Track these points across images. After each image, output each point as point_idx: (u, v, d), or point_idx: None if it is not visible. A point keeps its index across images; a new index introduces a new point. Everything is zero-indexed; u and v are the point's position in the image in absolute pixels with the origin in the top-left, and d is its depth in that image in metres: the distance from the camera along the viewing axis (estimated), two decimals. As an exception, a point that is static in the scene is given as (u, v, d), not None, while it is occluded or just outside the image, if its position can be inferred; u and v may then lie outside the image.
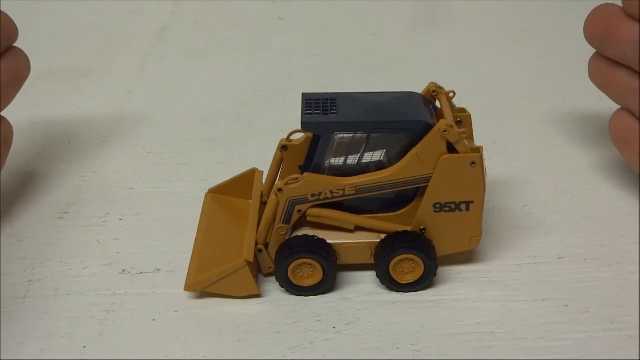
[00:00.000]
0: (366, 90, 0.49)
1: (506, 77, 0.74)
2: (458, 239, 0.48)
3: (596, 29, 0.51)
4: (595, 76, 0.54)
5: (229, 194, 0.53)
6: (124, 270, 0.50)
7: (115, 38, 0.84)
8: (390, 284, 0.47)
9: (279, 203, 0.46)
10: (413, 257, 0.46)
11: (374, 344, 0.44)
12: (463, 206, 0.47)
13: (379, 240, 0.47)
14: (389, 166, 0.46)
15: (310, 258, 0.46)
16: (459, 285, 0.48)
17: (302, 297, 0.47)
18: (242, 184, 0.53)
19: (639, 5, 0.49)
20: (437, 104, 0.49)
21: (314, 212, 0.47)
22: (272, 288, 0.48)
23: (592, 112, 0.67)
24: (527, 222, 0.54)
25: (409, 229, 0.47)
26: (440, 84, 0.50)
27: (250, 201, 0.52)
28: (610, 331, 0.44)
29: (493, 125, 0.56)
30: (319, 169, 0.47)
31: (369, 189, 0.46)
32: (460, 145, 0.45)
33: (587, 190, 0.57)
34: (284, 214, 0.47)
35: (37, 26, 0.85)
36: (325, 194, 0.46)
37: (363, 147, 0.47)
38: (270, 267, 0.48)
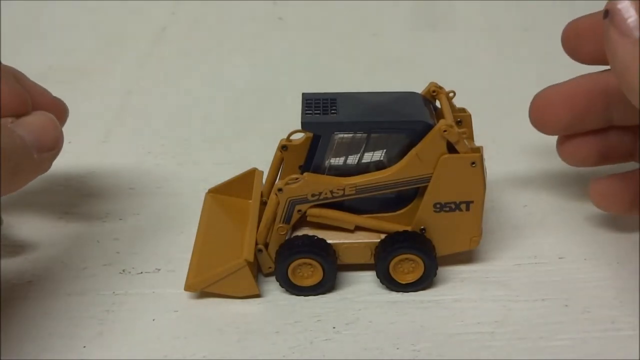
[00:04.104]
0: (366, 90, 0.49)
1: (506, 77, 0.74)
2: (458, 239, 0.48)
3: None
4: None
5: (229, 194, 0.53)
6: (124, 270, 0.50)
7: (115, 38, 0.84)
8: (390, 284, 0.47)
9: (279, 203, 0.46)
10: (413, 257, 0.46)
11: (374, 344, 0.44)
12: (463, 206, 0.47)
13: (379, 240, 0.47)
14: (389, 166, 0.46)
15: (310, 258, 0.46)
16: (459, 285, 0.48)
17: (302, 297, 0.47)
18: (242, 184, 0.53)
19: None
20: (437, 104, 0.49)
21: (314, 212, 0.47)
22: (272, 288, 0.48)
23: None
24: (527, 222, 0.54)
25: (409, 228, 0.47)
26: (440, 84, 0.50)
27: (250, 201, 0.52)
28: (610, 331, 0.44)
29: (493, 125, 0.56)
30: (319, 169, 0.47)
31: (369, 189, 0.46)
32: (460, 145, 0.45)
33: (587, 190, 0.57)
34: (284, 214, 0.47)
35: (37, 26, 0.85)
36: (325, 193, 0.46)
37: (363, 147, 0.47)
38: (270, 267, 0.48)
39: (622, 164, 0.53)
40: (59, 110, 0.48)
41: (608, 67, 0.41)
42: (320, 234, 0.47)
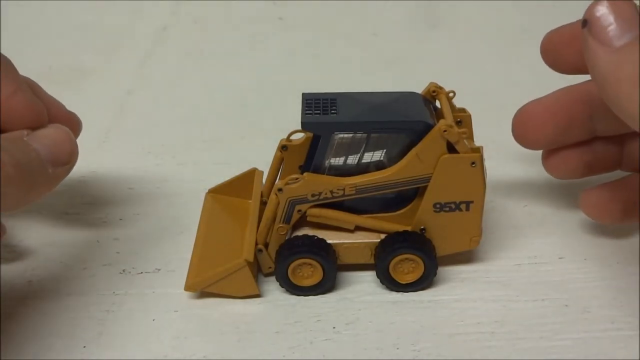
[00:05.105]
0: (366, 90, 0.49)
1: (506, 77, 0.74)
2: (458, 239, 0.48)
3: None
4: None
5: (229, 194, 0.53)
6: (124, 270, 0.50)
7: (115, 38, 0.84)
8: (390, 283, 0.47)
9: (279, 203, 0.46)
10: (413, 257, 0.46)
11: (374, 344, 0.44)
12: (463, 206, 0.47)
13: (379, 240, 0.47)
14: (389, 166, 0.46)
15: (310, 258, 0.46)
16: (459, 285, 0.48)
17: (302, 297, 0.47)
18: (242, 184, 0.53)
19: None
20: (437, 104, 0.49)
21: (314, 212, 0.47)
22: (272, 288, 0.48)
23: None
24: (527, 222, 0.54)
25: (409, 228, 0.47)
26: (440, 84, 0.50)
27: (250, 201, 0.52)
28: (610, 331, 0.44)
29: (493, 125, 0.56)
30: (319, 169, 0.47)
31: (369, 189, 0.46)
32: (460, 145, 0.45)
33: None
34: (284, 214, 0.47)
35: (37, 26, 0.85)
36: (325, 193, 0.46)
37: (363, 147, 0.47)
38: (270, 267, 0.48)
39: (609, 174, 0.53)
40: (73, 124, 0.48)
41: (589, 77, 0.41)
42: (320, 234, 0.47)
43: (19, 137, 0.42)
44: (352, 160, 0.47)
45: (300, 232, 0.48)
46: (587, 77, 0.47)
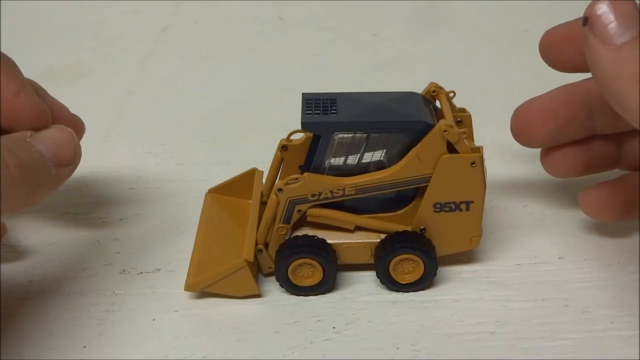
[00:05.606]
0: (366, 90, 0.49)
1: (506, 77, 0.74)
2: (458, 239, 0.48)
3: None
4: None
5: (229, 194, 0.53)
6: (124, 270, 0.50)
7: (115, 38, 0.84)
8: (390, 283, 0.47)
9: (279, 203, 0.46)
10: (413, 257, 0.46)
11: (374, 344, 0.44)
12: (463, 206, 0.47)
13: (379, 240, 0.47)
14: (389, 166, 0.46)
15: (310, 258, 0.46)
16: (459, 285, 0.48)
17: (302, 297, 0.47)
18: (242, 184, 0.53)
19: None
20: (437, 104, 0.49)
21: (314, 212, 0.47)
22: (272, 288, 0.48)
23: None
24: (527, 222, 0.54)
25: (409, 228, 0.47)
26: (440, 84, 0.50)
27: (250, 201, 0.52)
28: (610, 331, 0.44)
29: (493, 125, 0.56)
30: (319, 169, 0.47)
31: (369, 189, 0.46)
32: (460, 145, 0.45)
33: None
34: (284, 214, 0.47)
35: (37, 26, 0.85)
36: (325, 194, 0.46)
37: (363, 147, 0.47)
38: (270, 267, 0.48)
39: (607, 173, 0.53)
40: (76, 127, 0.48)
41: (589, 74, 0.41)
42: (320, 234, 0.47)
43: (22, 138, 0.42)
44: (352, 160, 0.47)
45: (300, 232, 0.48)
46: (586, 75, 0.47)
